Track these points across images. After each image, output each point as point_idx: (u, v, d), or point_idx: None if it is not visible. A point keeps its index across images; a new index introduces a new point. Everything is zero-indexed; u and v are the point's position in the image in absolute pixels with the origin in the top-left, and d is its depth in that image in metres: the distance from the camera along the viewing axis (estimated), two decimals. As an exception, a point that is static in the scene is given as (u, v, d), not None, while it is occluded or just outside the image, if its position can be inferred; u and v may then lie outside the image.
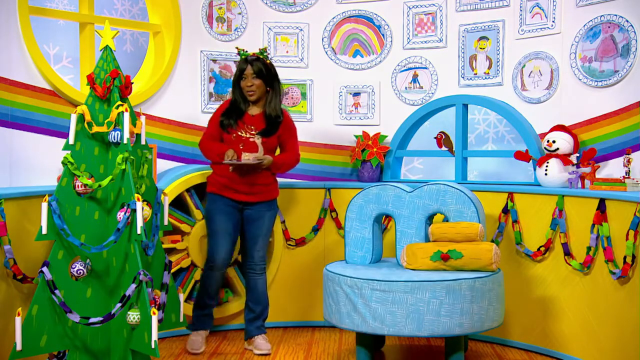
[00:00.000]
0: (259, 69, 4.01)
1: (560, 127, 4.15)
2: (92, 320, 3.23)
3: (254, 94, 4.03)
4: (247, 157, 3.95)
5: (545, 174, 4.07)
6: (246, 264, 4.17)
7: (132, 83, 3.55)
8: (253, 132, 4.03)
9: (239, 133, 4.02)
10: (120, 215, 3.27)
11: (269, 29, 4.90)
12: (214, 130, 4.09)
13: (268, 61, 4.05)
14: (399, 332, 3.55)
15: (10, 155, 3.94)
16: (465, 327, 3.55)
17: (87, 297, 3.37)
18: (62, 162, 3.33)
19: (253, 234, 4.11)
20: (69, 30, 4.54)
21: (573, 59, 4.20)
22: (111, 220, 3.40)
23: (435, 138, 4.62)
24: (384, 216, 4.22)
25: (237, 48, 4.16)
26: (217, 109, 4.14)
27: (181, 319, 3.59)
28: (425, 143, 4.83)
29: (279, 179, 4.82)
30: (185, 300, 4.23)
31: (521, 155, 4.21)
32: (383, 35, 4.92)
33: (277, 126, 4.06)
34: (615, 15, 3.97)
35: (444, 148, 4.60)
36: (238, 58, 4.14)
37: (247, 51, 4.11)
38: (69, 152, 3.35)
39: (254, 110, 4.08)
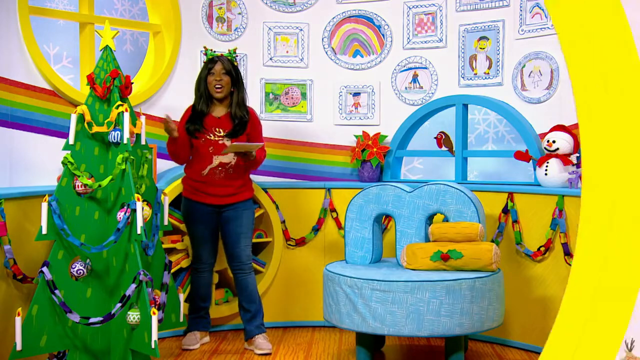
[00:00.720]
0: (229, 67, 4.04)
1: (560, 127, 4.14)
2: (92, 320, 3.23)
3: (222, 90, 4.02)
4: (227, 150, 3.94)
5: (545, 174, 4.07)
6: (233, 265, 4.13)
7: (132, 83, 3.55)
8: (221, 135, 4.02)
9: (208, 137, 4.01)
10: (120, 215, 3.27)
11: (269, 29, 4.90)
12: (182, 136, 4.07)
13: (235, 62, 4.09)
14: (399, 332, 3.55)
15: (10, 155, 3.94)
16: (465, 327, 3.55)
17: (87, 297, 3.38)
18: (62, 162, 3.33)
19: (233, 232, 4.09)
20: (69, 30, 4.54)
21: (573, 59, 4.19)
22: (111, 220, 3.40)
23: (435, 138, 4.62)
24: (384, 216, 4.22)
25: (205, 47, 4.19)
26: (182, 117, 4.12)
27: (181, 319, 3.59)
28: (425, 143, 4.82)
29: (281, 179, 4.84)
30: (185, 300, 4.22)
31: (521, 155, 4.21)
32: (383, 35, 4.91)
33: (244, 126, 4.06)
34: (615, 15, 3.97)
35: (444, 148, 4.59)
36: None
37: (215, 51, 4.14)
38: (69, 152, 3.36)
39: (219, 112, 4.07)
